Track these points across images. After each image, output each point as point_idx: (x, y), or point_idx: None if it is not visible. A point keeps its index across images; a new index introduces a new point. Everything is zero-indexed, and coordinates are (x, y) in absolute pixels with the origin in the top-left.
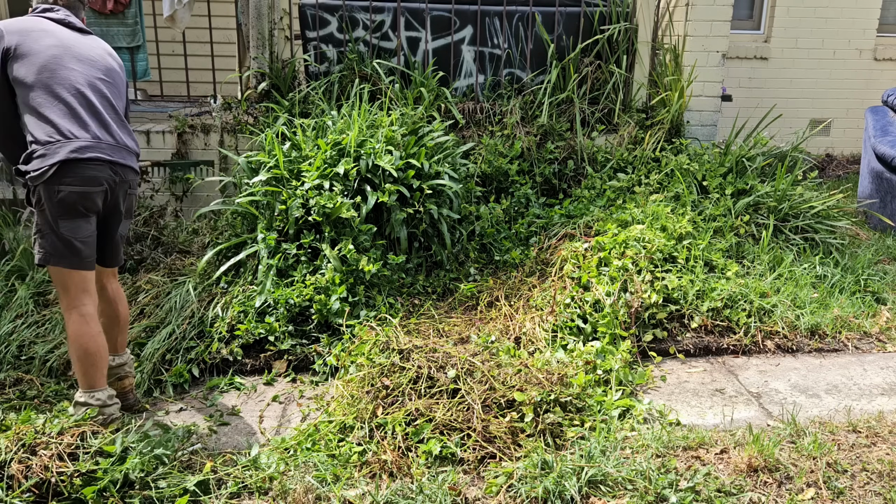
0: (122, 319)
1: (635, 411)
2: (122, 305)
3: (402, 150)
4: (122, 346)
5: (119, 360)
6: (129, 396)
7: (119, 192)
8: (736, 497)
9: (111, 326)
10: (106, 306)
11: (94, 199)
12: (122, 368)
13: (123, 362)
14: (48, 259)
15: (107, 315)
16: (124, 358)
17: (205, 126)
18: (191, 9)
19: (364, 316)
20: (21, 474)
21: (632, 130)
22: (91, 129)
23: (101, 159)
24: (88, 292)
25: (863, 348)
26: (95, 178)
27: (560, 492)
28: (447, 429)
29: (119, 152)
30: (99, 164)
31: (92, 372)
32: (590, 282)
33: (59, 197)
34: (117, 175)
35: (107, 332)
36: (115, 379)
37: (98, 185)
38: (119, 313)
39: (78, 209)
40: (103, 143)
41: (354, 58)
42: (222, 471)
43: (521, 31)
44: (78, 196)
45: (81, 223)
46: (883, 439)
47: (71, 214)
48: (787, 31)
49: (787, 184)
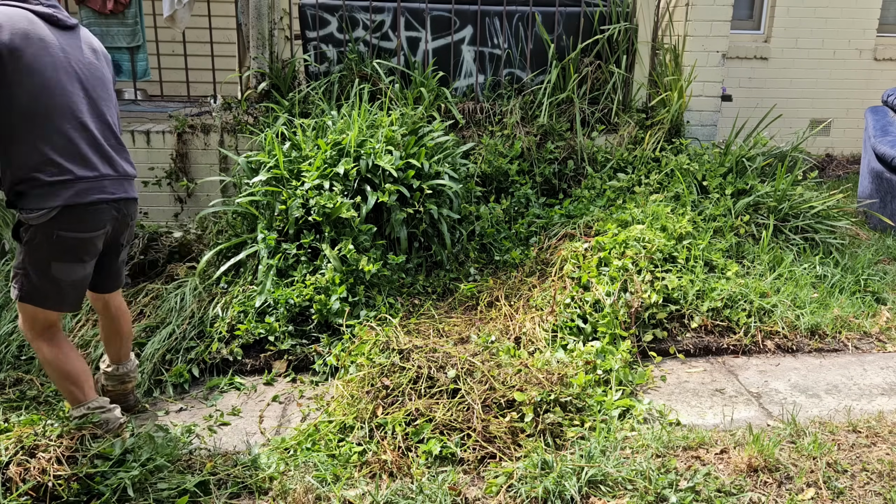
0: (124, 334)
1: (635, 411)
2: (125, 322)
3: (402, 150)
4: (125, 356)
5: (124, 369)
6: (129, 398)
7: (121, 227)
8: (736, 497)
9: (114, 340)
10: (110, 323)
11: (96, 244)
12: (127, 375)
13: (128, 370)
14: (29, 298)
15: (111, 330)
16: (129, 366)
17: (205, 126)
18: (191, 9)
19: (364, 316)
20: (19, 477)
21: (632, 130)
22: (92, 163)
23: (105, 200)
24: (55, 324)
25: (863, 348)
26: (99, 221)
27: (560, 492)
28: (447, 429)
29: (121, 186)
30: (102, 206)
31: (77, 390)
32: (590, 282)
33: (57, 241)
34: (120, 213)
35: (110, 344)
36: (118, 383)
37: (100, 230)
38: (122, 329)
39: (77, 255)
40: (106, 178)
41: (354, 58)
42: (222, 471)
43: (521, 31)
44: (79, 242)
45: (77, 267)
46: (883, 439)
47: (67, 258)
48: (787, 31)
49: (787, 184)
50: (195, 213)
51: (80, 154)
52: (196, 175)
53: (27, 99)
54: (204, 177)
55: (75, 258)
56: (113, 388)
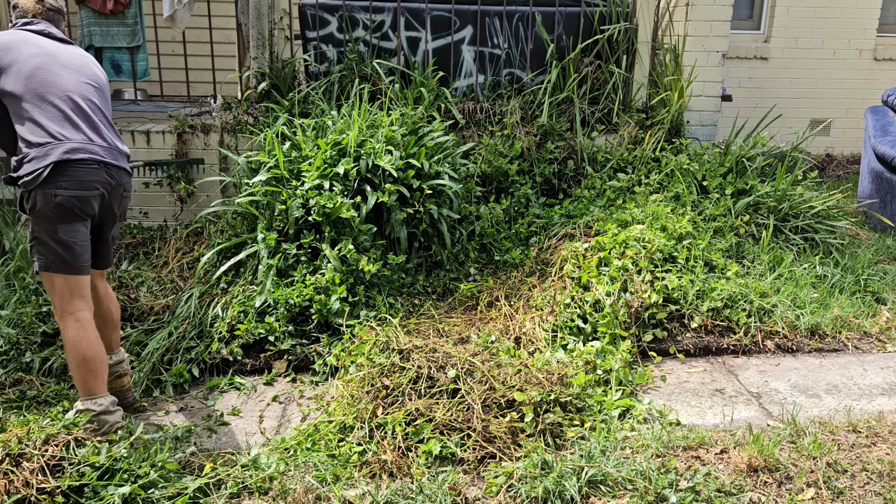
0: (114, 318)
1: (635, 411)
2: (113, 304)
3: (402, 150)
4: (116, 344)
5: (116, 358)
6: (127, 395)
7: (114, 195)
8: (736, 497)
9: (104, 325)
10: (98, 306)
11: (91, 203)
12: (120, 366)
13: (120, 360)
14: (49, 266)
15: (99, 315)
16: (120, 355)
17: (205, 126)
18: (191, 9)
19: (364, 316)
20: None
21: (632, 130)
22: (83, 130)
23: (95, 160)
24: (84, 297)
25: (863, 348)
26: (91, 182)
27: (560, 492)
28: (447, 429)
29: (111, 153)
30: (93, 167)
31: (92, 379)
32: (590, 282)
33: (57, 201)
34: (112, 178)
35: (100, 331)
36: (113, 377)
37: (94, 190)
38: (111, 312)
39: (75, 213)
40: (95, 144)
41: (354, 58)
42: (222, 471)
43: (521, 31)
44: (76, 200)
45: (79, 227)
46: (883, 439)
47: (69, 218)
48: (787, 31)
49: (787, 184)
50: (195, 213)
51: (71, 122)
52: (196, 175)
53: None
54: (204, 177)
55: (76, 217)
56: (110, 385)
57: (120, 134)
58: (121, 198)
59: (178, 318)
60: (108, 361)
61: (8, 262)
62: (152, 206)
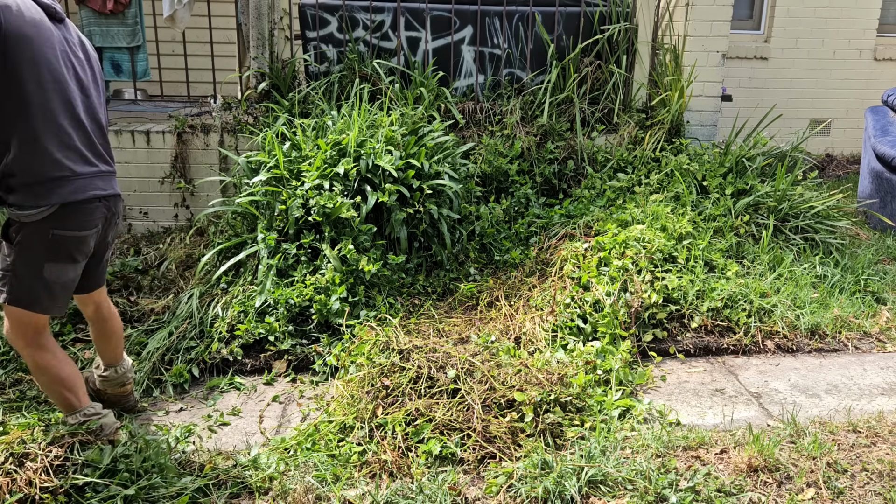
0: (117, 334)
1: (635, 411)
2: (116, 322)
3: (402, 150)
4: (120, 356)
5: (121, 370)
6: (129, 399)
7: (109, 226)
8: (736, 497)
9: (107, 342)
10: (103, 325)
11: (89, 243)
12: (125, 376)
13: (126, 370)
14: (18, 302)
15: (103, 333)
16: (126, 365)
17: (205, 126)
18: (191, 9)
19: (364, 316)
20: (6, 488)
21: (632, 130)
22: (88, 159)
23: (98, 197)
24: (45, 327)
25: (863, 348)
26: (93, 219)
27: (560, 492)
28: (447, 429)
29: (109, 182)
30: (96, 203)
31: (72, 396)
32: (590, 282)
33: (53, 241)
34: (109, 210)
35: (103, 346)
36: (117, 385)
37: (94, 228)
38: (115, 330)
39: (72, 255)
40: (97, 174)
41: (354, 58)
42: (222, 471)
43: (521, 31)
44: (75, 241)
45: (69, 268)
46: (883, 439)
47: (61, 259)
48: (787, 31)
49: (787, 184)
50: (195, 213)
51: (78, 151)
52: (196, 175)
53: (29, 89)
54: (204, 177)
55: (69, 258)
56: (112, 391)
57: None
58: (114, 225)
59: (179, 319)
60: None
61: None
62: (152, 207)
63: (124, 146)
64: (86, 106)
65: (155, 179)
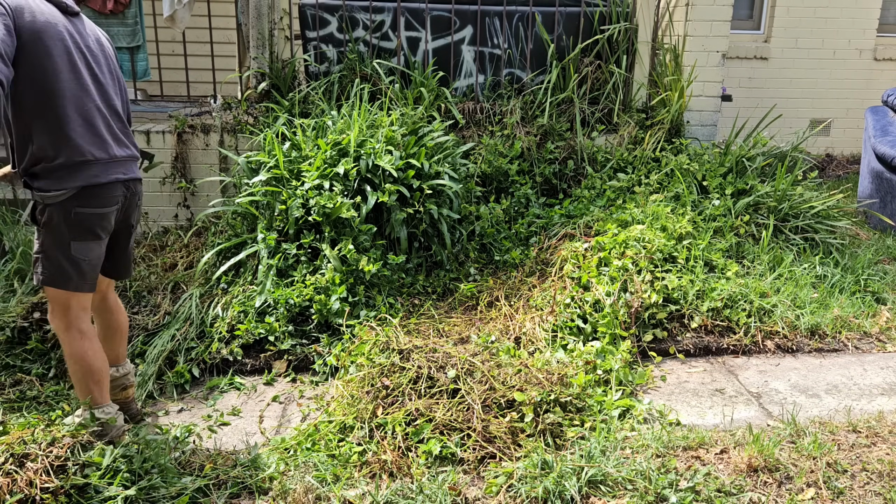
0: (122, 329)
1: (635, 411)
2: (122, 315)
3: (402, 150)
4: (123, 356)
5: (123, 370)
6: (132, 406)
7: (130, 206)
8: (736, 497)
9: (112, 337)
10: (108, 317)
11: (110, 219)
12: (126, 378)
13: (127, 372)
14: (52, 281)
15: (108, 326)
16: (127, 367)
17: (205, 126)
18: (191, 9)
19: (364, 316)
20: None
21: (632, 130)
22: (108, 144)
23: (119, 179)
24: (87, 310)
25: (863, 348)
26: (113, 198)
27: (560, 492)
28: (447, 429)
29: (132, 167)
30: (116, 184)
31: (97, 389)
32: (590, 282)
33: (76, 219)
34: (129, 191)
35: (107, 342)
36: (118, 389)
37: (114, 205)
38: (120, 323)
39: (94, 231)
40: (119, 159)
41: (354, 58)
42: (222, 471)
43: (521, 31)
44: (97, 218)
45: (94, 245)
46: (883, 439)
47: (85, 236)
48: (787, 31)
49: (787, 184)
50: (195, 213)
51: (98, 136)
52: (196, 175)
53: (47, 81)
54: (204, 177)
55: (93, 235)
56: (113, 396)
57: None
58: (136, 207)
59: (179, 319)
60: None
61: (8, 262)
62: (152, 207)
63: None
64: (101, 94)
65: (155, 179)
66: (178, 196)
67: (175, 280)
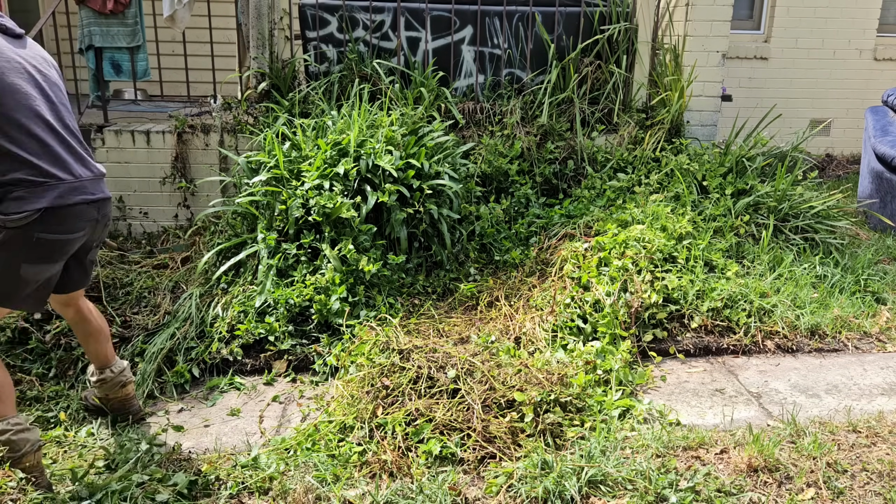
0: (105, 331)
1: (635, 411)
2: (100, 318)
3: (402, 150)
4: (112, 356)
5: (117, 368)
6: (132, 403)
7: (98, 229)
8: (736, 497)
9: (94, 340)
10: (85, 326)
11: (74, 245)
12: (123, 375)
13: (122, 368)
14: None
15: (87, 333)
16: (120, 364)
17: (205, 126)
18: (191, 9)
19: (364, 316)
20: None
21: (632, 130)
22: (70, 165)
23: (87, 201)
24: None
25: (863, 348)
26: (80, 223)
27: (560, 492)
28: (447, 429)
29: (99, 186)
30: (83, 207)
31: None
32: (590, 282)
33: (37, 244)
34: (99, 212)
35: (94, 346)
36: (118, 387)
37: (81, 231)
38: (101, 327)
39: (52, 257)
40: (84, 179)
41: (354, 58)
42: (222, 471)
43: (521, 31)
44: (59, 244)
45: (46, 267)
46: (883, 439)
47: (41, 260)
48: (787, 31)
49: (787, 184)
50: (195, 213)
51: (57, 156)
52: (196, 175)
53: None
54: (204, 177)
55: (49, 259)
56: (115, 395)
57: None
58: (104, 228)
59: (179, 319)
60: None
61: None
62: (152, 207)
63: (124, 146)
64: (55, 115)
65: (155, 179)
66: (178, 196)
67: (175, 280)
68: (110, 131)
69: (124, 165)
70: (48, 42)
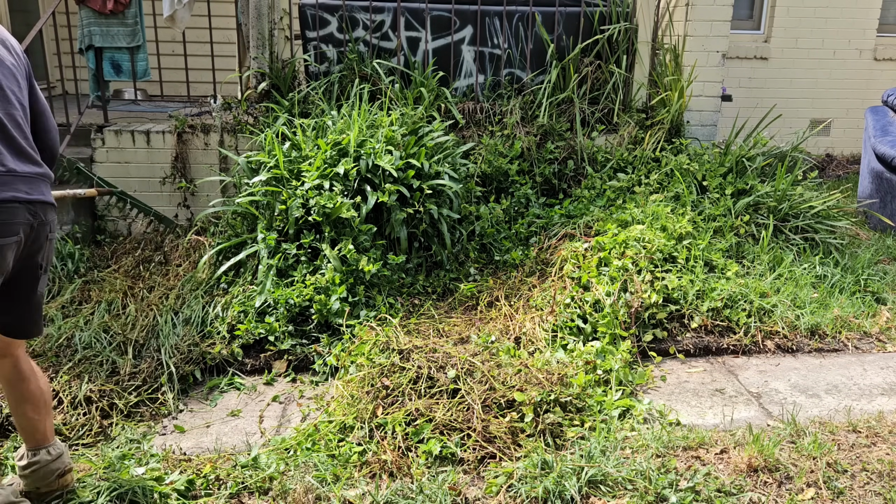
0: (47, 399)
1: (635, 411)
2: (44, 382)
3: (402, 150)
4: (51, 433)
5: (55, 451)
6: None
7: (37, 239)
8: (736, 497)
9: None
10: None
11: (6, 255)
12: (61, 461)
13: (60, 453)
14: None
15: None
16: (59, 447)
17: (205, 126)
18: (191, 9)
19: (364, 316)
20: None
21: (632, 130)
22: (5, 158)
23: (19, 199)
24: None
25: (863, 348)
26: (10, 225)
27: (560, 492)
28: (447, 429)
29: (36, 186)
30: (15, 206)
31: None
32: (590, 282)
33: None
34: (36, 218)
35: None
36: (55, 476)
37: (13, 236)
38: (43, 392)
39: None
40: (19, 174)
41: (354, 58)
42: (222, 471)
43: (521, 31)
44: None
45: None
46: (883, 439)
47: None
48: (787, 31)
49: (786, 184)
50: (195, 213)
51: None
52: (196, 175)
53: None
54: (204, 177)
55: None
56: (47, 487)
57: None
58: (45, 241)
59: (179, 319)
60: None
61: None
62: (152, 206)
63: (124, 146)
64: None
65: (155, 179)
66: (178, 196)
67: (175, 280)
68: (110, 131)
69: (124, 165)
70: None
